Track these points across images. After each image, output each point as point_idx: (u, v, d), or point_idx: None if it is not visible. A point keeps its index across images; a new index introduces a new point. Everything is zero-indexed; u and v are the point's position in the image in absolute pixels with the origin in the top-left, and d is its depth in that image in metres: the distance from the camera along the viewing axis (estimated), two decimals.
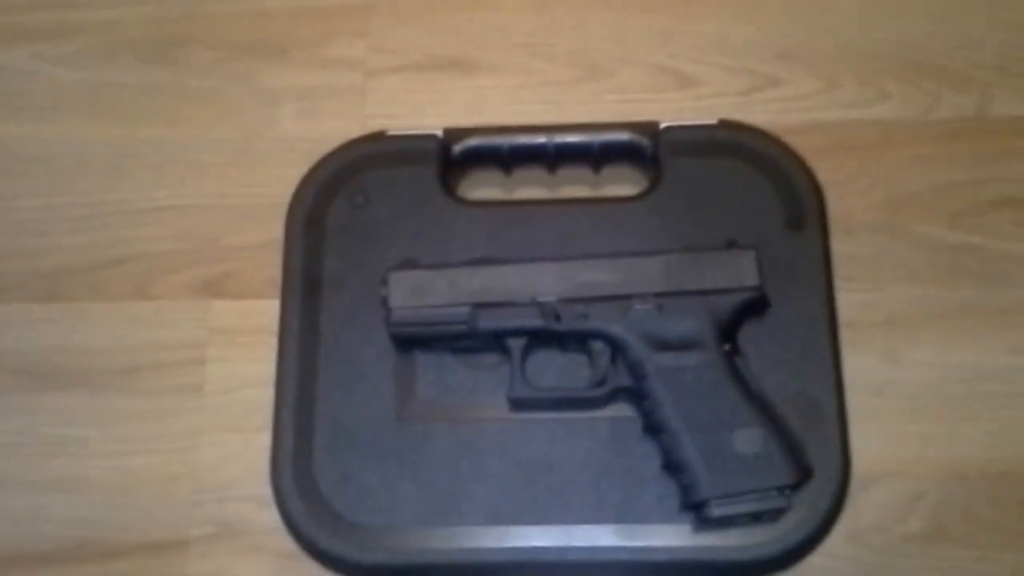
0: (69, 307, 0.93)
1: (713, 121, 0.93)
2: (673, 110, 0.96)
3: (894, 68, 0.98)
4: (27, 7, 1.03)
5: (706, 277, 0.84)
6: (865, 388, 0.87)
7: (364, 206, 0.91)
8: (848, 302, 0.89)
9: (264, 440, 0.86)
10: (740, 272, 0.84)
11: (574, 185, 0.94)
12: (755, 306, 0.85)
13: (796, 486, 0.80)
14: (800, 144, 0.92)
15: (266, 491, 0.85)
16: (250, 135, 0.98)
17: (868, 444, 0.86)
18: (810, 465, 0.81)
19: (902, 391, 0.88)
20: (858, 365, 0.87)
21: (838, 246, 0.90)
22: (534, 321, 0.84)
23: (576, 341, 0.85)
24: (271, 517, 0.86)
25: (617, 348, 0.84)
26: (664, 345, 0.83)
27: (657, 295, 0.84)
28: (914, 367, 0.89)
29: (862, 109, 0.97)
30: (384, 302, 0.85)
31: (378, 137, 0.94)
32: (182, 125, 0.99)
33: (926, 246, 0.92)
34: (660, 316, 0.83)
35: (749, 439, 0.80)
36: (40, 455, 0.90)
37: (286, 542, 0.85)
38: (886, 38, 0.99)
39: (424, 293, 0.84)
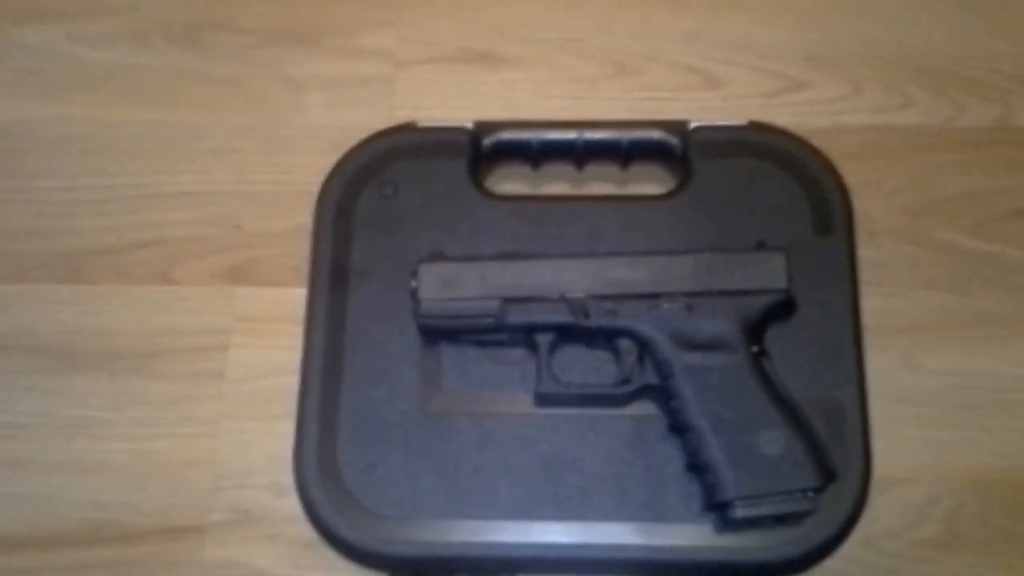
0: (91, 289, 0.93)
1: (743, 122, 0.93)
2: (700, 110, 0.97)
3: (919, 75, 0.98)
4: None
5: (735, 278, 0.84)
6: (884, 393, 0.88)
7: (393, 197, 0.91)
8: (869, 307, 0.89)
9: (284, 428, 0.86)
10: (769, 274, 0.84)
11: (601, 182, 0.94)
12: (783, 308, 0.85)
13: (820, 489, 0.80)
14: (825, 147, 0.92)
15: (285, 479, 0.85)
16: (277, 122, 0.98)
17: (884, 449, 0.86)
18: (834, 468, 0.81)
19: (920, 397, 0.89)
20: (878, 370, 0.88)
21: (861, 250, 0.90)
22: (563, 316, 0.84)
23: (603, 338, 0.85)
24: (289, 505, 0.86)
25: (644, 346, 0.84)
26: (692, 344, 0.83)
27: (686, 294, 0.84)
28: (933, 374, 0.89)
29: (887, 115, 0.97)
30: (413, 293, 0.85)
31: (409, 128, 0.93)
32: (210, 110, 0.98)
33: (947, 253, 0.93)
34: (688, 315, 0.83)
35: (775, 441, 0.80)
36: (59, 437, 0.89)
37: (304, 530, 0.85)
38: (912, 45, 1.00)
39: (454, 286, 0.84)
